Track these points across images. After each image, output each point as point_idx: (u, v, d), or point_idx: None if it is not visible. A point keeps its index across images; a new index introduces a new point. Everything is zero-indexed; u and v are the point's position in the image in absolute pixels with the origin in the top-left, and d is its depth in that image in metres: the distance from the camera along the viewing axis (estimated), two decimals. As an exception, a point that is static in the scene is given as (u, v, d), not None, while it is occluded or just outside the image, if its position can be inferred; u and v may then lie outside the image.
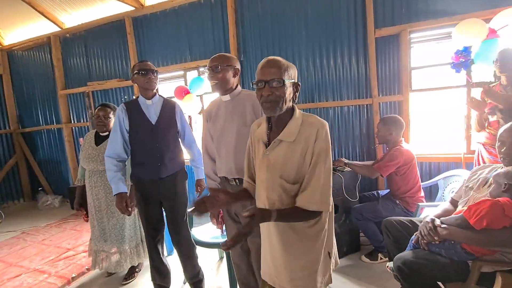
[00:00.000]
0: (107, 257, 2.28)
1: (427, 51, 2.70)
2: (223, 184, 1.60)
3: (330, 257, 1.10)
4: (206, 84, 3.40)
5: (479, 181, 1.46)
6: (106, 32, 4.00)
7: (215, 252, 2.61)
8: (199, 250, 2.01)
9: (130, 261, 2.28)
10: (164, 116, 1.82)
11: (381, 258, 2.28)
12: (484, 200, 1.25)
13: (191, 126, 3.71)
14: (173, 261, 2.30)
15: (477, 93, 2.27)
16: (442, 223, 1.39)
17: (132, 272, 2.34)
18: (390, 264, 1.60)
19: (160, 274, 1.96)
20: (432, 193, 2.59)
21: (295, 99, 1.05)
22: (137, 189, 1.85)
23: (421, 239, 1.43)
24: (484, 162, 2.11)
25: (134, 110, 1.80)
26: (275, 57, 1.02)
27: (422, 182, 2.37)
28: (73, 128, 4.54)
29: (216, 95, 1.62)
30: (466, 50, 2.38)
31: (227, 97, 1.51)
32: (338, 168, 2.39)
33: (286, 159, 1.01)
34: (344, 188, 2.30)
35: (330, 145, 1.02)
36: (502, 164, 1.43)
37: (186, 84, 3.63)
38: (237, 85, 1.54)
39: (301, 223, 1.04)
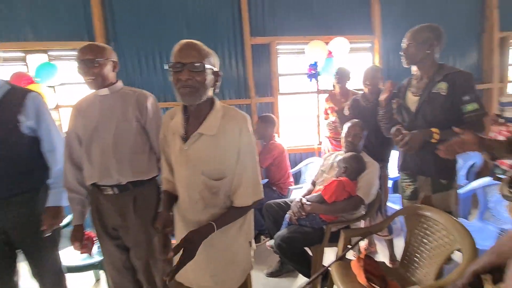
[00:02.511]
0: None
1: (291, 61, 3.29)
2: (93, 195, 1.33)
3: (250, 245, 1.12)
4: (61, 73, 2.74)
5: (328, 165, 1.94)
6: None
7: (90, 274, 2.18)
8: (70, 276, 1.61)
9: None
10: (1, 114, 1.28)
11: (263, 239, 2.60)
12: (333, 181, 1.69)
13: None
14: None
15: (323, 98, 2.97)
16: (307, 201, 1.76)
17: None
18: (270, 242, 1.87)
19: None
20: (297, 178, 3.18)
21: (216, 90, 0.98)
22: None
23: (293, 216, 1.76)
24: (328, 151, 2.80)
25: None
26: (195, 41, 0.92)
27: (290, 169, 2.88)
28: None
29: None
30: (315, 64, 3.07)
31: (105, 91, 1.29)
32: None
33: (208, 154, 0.94)
34: (231, 182, 2.45)
35: (254, 137, 0.99)
36: (343, 151, 1.95)
37: (28, 71, 2.78)
38: (117, 80, 1.34)
39: None
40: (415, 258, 1.46)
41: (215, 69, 0.95)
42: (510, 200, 1.16)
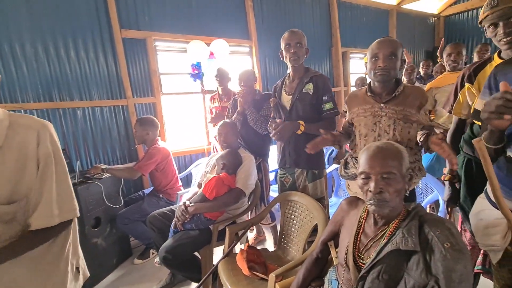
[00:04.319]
0: None
1: (173, 60, 3.12)
2: None
3: (78, 272, 0.95)
4: None
5: (211, 166, 1.95)
6: None
7: None
8: None
9: None
10: None
11: (153, 253, 2.37)
12: (212, 178, 1.70)
13: None
14: None
15: (207, 98, 2.97)
16: (190, 203, 1.69)
17: None
18: (157, 258, 1.71)
19: None
20: (189, 181, 3.08)
21: None
22: None
23: (177, 222, 1.66)
24: (217, 151, 2.83)
25: None
26: None
27: (179, 173, 2.75)
28: None
29: None
30: (198, 64, 3.04)
31: None
32: (95, 176, 2.13)
33: None
34: (105, 196, 2.10)
35: (60, 147, 0.85)
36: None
37: None
38: None
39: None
40: (288, 239, 1.65)
41: None
42: (345, 178, 1.47)
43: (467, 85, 1.21)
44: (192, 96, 3.22)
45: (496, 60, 1.15)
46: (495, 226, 0.90)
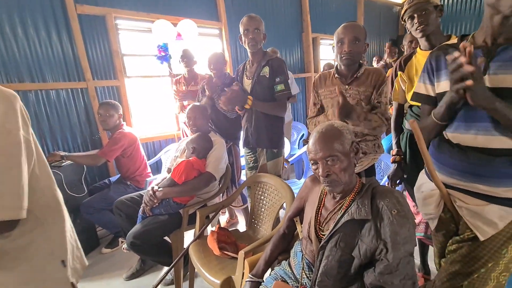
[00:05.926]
0: None
1: (137, 40, 2.93)
2: None
3: (65, 266, 0.88)
4: None
5: (181, 150, 1.91)
6: None
7: None
8: None
9: None
10: None
11: (121, 242, 2.31)
12: (181, 162, 1.67)
13: None
14: None
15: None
16: (159, 187, 1.66)
17: None
18: (125, 245, 1.67)
19: None
20: (158, 167, 2.99)
21: None
22: None
23: (146, 207, 1.63)
24: (187, 135, 2.77)
25: None
26: None
27: (148, 160, 2.66)
28: None
29: None
30: (165, 46, 2.89)
31: None
32: (53, 163, 1.99)
33: None
34: (66, 185, 1.98)
35: (14, 129, 0.69)
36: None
37: None
38: None
39: None
40: (258, 219, 1.70)
41: None
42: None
43: (399, 73, 1.40)
44: (160, 80, 3.08)
45: (419, 52, 1.40)
46: (430, 196, 1.00)
